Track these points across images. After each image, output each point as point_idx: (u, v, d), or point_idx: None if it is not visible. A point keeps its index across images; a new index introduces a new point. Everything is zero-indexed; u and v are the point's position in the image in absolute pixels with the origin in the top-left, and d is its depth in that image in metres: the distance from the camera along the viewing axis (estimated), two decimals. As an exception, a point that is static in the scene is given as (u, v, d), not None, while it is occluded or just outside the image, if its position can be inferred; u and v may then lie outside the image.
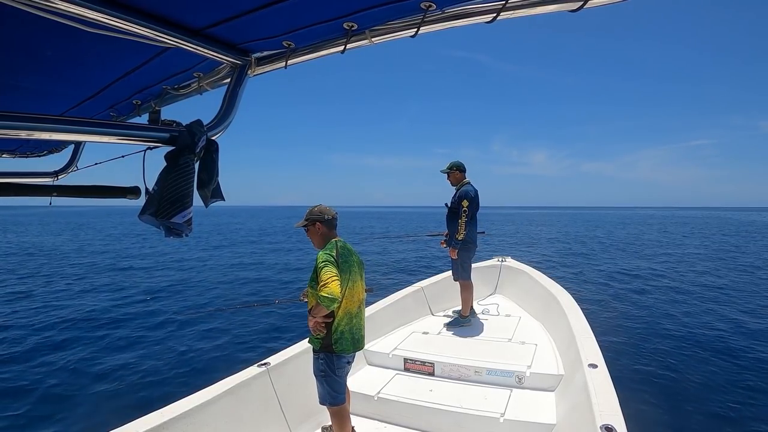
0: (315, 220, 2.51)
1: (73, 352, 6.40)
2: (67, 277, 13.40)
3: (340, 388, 2.49)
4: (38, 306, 9.44)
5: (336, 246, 2.44)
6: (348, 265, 2.42)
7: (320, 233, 2.51)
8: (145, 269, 14.91)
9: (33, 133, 0.80)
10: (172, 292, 11.12)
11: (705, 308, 8.95)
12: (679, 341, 6.76)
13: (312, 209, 2.56)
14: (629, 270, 14.31)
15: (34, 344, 6.82)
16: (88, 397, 4.89)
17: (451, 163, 4.55)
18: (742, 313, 8.47)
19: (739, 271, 14.05)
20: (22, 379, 5.39)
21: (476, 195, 4.42)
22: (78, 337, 7.17)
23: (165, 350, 6.50)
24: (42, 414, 4.53)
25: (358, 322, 2.51)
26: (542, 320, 4.43)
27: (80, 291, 11.19)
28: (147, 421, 2.22)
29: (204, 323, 7.88)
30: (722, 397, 4.80)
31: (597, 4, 0.81)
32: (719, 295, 10.31)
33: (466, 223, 4.29)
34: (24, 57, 1.06)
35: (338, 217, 2.59)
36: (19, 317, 8.46)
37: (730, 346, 6.53)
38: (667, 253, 19.67)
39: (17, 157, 1.91)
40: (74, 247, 23.11)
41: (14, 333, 7.45)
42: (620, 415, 2.12)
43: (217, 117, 1.06)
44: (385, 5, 0.87)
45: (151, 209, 0.90)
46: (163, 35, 0.92)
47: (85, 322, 8.14)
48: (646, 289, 10.95)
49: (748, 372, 5.52)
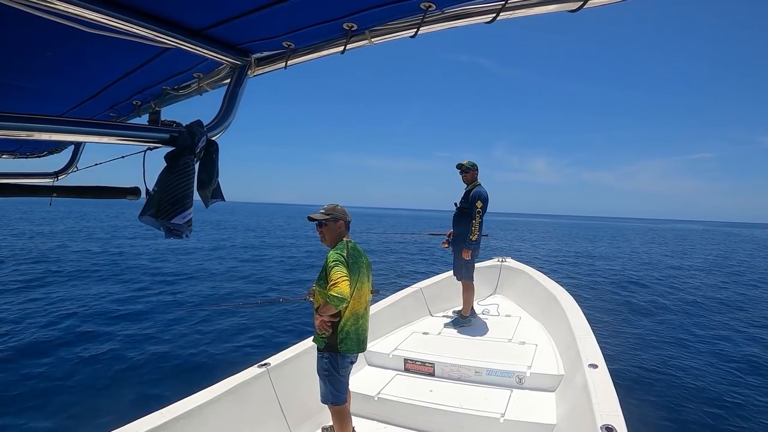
0: (339, 218, 2.50)
1: (73, 352, 6.39)
2: (67, 270, 13.40)
3: (343, 388, 2.50)
4: (37, 301, 9.43)
5: (347, 246, 2.45)
6: (357, 266, 2.43)
7: (338, 232, 2.51)
8: (145, 264, 14.91)
9: (33, 133, 0.80)
10: (175, 287, 11.11)
11: (705, 310, 8.95)
12: (679, 341, 6.76)
13: (335, 207, 2.53)
14: (630, 273, 14.30)
15: (33, 343, 6.82)
16: (88, 397, 4.88)
17: (469, 162, 4.50)
18: (741, 315, 8.47)
19: (739, 282, 14.04)
20: (22, 379, 5.38)
21: (488, 197, 4.43)
22: (77, 336, 7.16)
23: (165, 350, 6.50)
24: (42, 414, 4.53)
25: (364, 323, 2.52)
26: (542, 320, 4.43)
27: (79, 284, 11.18)
28: (147, 421, 2.22)
29: (204, 322, 7.88)
30: (722, 397, 4.80)
31: (597, 4, 0.81)
32: (719, 298, 10.30)
33: (480, 225, 4.32)
34: (24, 57, 1.06)
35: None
36: (15, 312, 8.45)
37: (729, 347, 6.53)
38: (669, 261, 19.66)
39: (17, 157, 1.91)
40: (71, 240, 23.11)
41: (12, 331, 7.44)
42: (620, 415, 2.12)
43: (217, 117, 1.06)
44: (385, 5, 0.87)
45: (151, 210, 0.90)
46: (163, 36, 0.92)
47: (83, 320, 8.14)
48: (647, 290, 10.95)
49: (748, 372, 5.52)
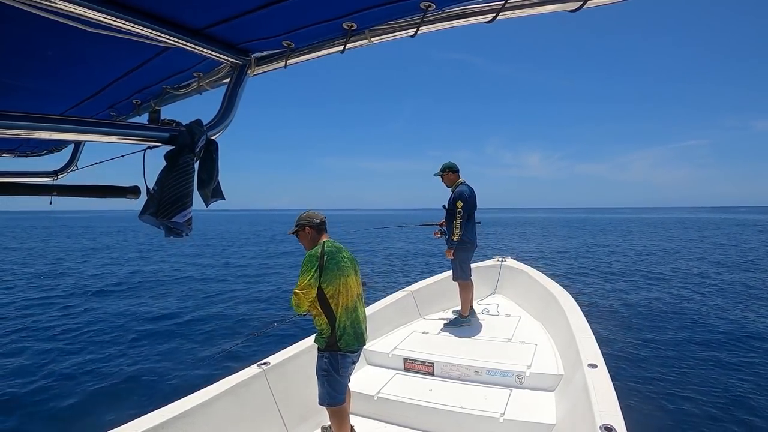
0: (304, 224, 2.66)
1: (72, 350, 6.39)
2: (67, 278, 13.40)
3: (341, 389, 2.50)
4: (38, 304, 9.44)
5: (322, 246, 2.54)
6: (335, 263, 2.50)
7: (309, 237, 2.65)
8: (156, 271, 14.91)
9: (33, 133, 0.80)
10: (180, 293, 11.12)
11: (705, 309, 8.95)
12: (679, 341, 6.77)
13: (301, 215, 2.71)
14: (631, 271, 14.31)
15: (31, 342, 6.82)
16: (88, 397, 4.89)
17: (443, 165, 4.55)
18: (743, 313, 8.47)
19: (740, 271, 14.05)
20: (21, 379, 5.39)
21: (471, 194, 4.42)
22: (77, 336, 7.17)
23: (166, 350, 6.50)
24: (42, 414, 4.53)
25: (358, 315, 2.58)
26: (542, 320, 4.43)
27: (82, 292, 11.19)
28: (147, 420, 2.23)
29: (205, 323, 7.89)
30: (722, 397, 4.80)
31: (596, 4, 0.82)
32: (719, 296, 10.30)
33: (461, 224, 4.30)
34: (24, 57, 1.06)
35: (327, 221, 2.72)
36: (19, 318, 8.46)
37: (730, 346, 6.53)
38: (668, 255, 19.67)
39: (17, 156, 1.91)
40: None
41: (12, 334, 7.45)
42: (620, 415, 2.12)
43: (216, 117, 1.07)
44: (384, 5, 0.87)
45: (151, 209, 0.90)
46: (163, 35, 0.92)
47: (83, 321, 8.15)
48: (647, 290, 10.95)
49: (748, 372, 5.52)
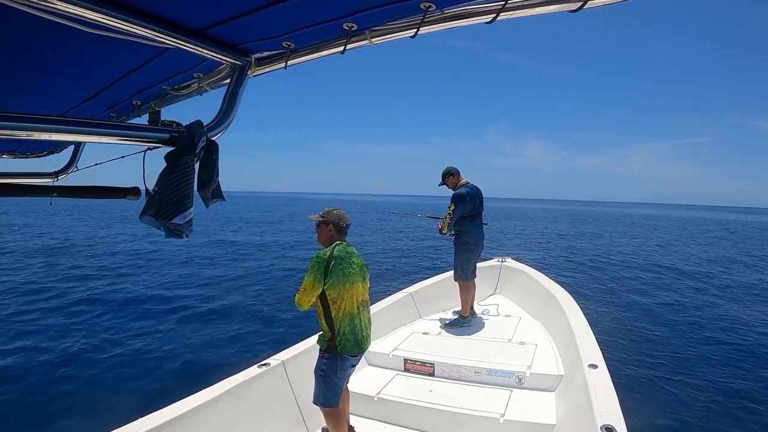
0: (330, 221, 2.63)
1: (71, 349, 6.39)
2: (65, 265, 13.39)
3: (336, 391, 2.51)
4: (35, 295, 9.42)
5: (333, 249, 2.52)
6: (341, 268, 2.46)
7: (329, 234, 2.64)
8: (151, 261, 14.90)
9: (33, 133, 0.80)
10: (180, 285, 11.10)
11: (706, 309, 8.95)
12: (679, 341, 6.77)
13: (331, 211, 2.68)
14: (631, 270, 14.30)
15: (32, 344, 6.81)
16: (88, 397, 4.88)
17: (443, 172, 4.68)
18: (744, 313, 8.47)
19: (746, 271, 14.05)
20: (20, 378, 5.38)
21: (471, 194, 4.45)
22: (76, 331, 7.15)
23: (165, 350, 6.49)
24: (41, 414, 4.53)
25: (360, 323, 2.55)
26: (542, 320, 4.43)
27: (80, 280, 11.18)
28: (147, 421, 2.23)
29: (206, 322, 7.87)
30: (722, 397, 4.80)
31: (597, 4, 0.82)
32: (719, 294, 10.30)
33: (449, 225, 4.46)
34: (24, 57, 1.06)
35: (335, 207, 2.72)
36: (14, 312, 8.44)
37: (730, 346, 6.53)
38: (668, 255, 19.66)
39: (17, 157, 1.91)
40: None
41: (10, 330, 7.43)
42: (620, 416, 2.12)
43: (217, 117, 1.07)
44: (384, 6, 0.87)
45: (151, 210, 0.90)
46: (163, 35, 0.92)
47: (83, 317, 8.13)
48: (647, 290, 10.94)
49: (749, 372, 5.53)
